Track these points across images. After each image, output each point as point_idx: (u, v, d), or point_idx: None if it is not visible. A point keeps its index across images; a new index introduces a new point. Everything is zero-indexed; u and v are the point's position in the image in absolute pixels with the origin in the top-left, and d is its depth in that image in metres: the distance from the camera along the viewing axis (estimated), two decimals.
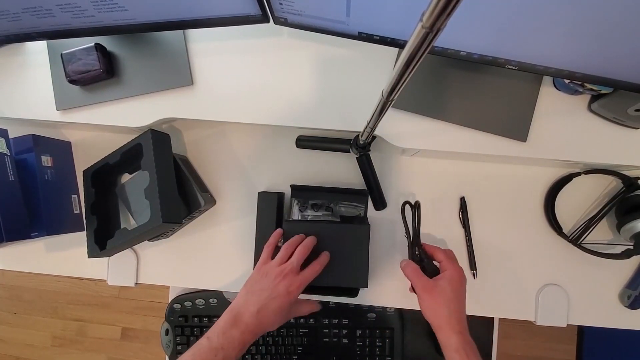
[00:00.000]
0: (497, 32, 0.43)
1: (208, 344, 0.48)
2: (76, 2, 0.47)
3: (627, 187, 0.61)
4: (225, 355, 0.47)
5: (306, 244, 0.55)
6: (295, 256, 0.54)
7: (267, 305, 0.50)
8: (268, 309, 0.50)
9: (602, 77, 0.46)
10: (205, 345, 0.48)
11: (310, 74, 0.59)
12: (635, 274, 0.63)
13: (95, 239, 0.61)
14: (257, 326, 0.50)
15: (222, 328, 0.49)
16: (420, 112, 0.57)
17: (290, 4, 0.47)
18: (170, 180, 0.59)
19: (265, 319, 0.50)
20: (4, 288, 1.66)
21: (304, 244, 0.55)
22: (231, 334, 0.49)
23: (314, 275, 0.54)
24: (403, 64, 0.31)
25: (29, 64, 0.62)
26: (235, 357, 0.48)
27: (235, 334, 0.49)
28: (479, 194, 0.65)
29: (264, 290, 0.51)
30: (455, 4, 0.23)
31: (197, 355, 0.47)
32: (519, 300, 0.64)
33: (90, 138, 0.70)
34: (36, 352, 1.65)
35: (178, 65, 0.59)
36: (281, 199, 0.65)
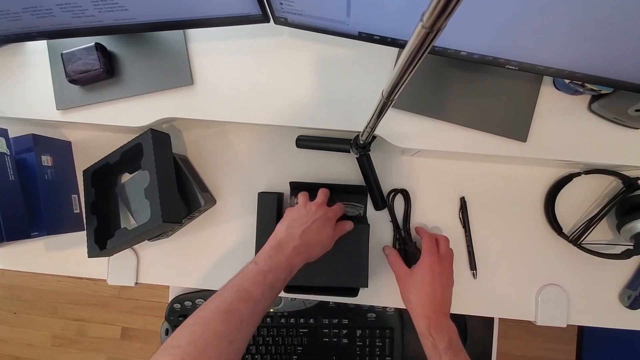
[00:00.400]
0: (497, 32, 0.43)
1: (255, 267, 0.47)
2: (76, 1, 0.47)
3: (627, 187, 0.61)
4: (274, 278, 0.47)
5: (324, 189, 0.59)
6: (320, 195, 0.58)
7: (310, 227, 0.52)
8: (312, 229, 0.52)
9: (603, 77, 0.46)
10: (253, 269, 0.47)
11: (310, 74, 0.59)
12: (635, 274, 0.63)
13: (95, 238, 0.61)
14: (303, 247, 0.50)
15: (268, 253, 0.49)
16: (420, 112, 0.57)
17: (290, 3, 0.47)
18: (170, 180, 0.59)
19: (310, 239, 0.51)
20: (4, 288, 1.66)
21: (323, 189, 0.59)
22: (278, 257, 0.48)
23: (341, 211, 0.58)
24: (403, 64, 0.31)
25: (29, 64, 0.62)
26: (284, 279, 0.48)
27: (281, 257, 0.48)
28: (479, 194, 0.65)
29: (303, 217, 0.53)
30: (456, 4, 0.23)
31: (246, 279, 0.46)
32: (518, 300, 0.64)
33: (90, 138, 0.70)
34: (36, 351, 1.65)
35: (178, 65, 0.59)
36: (281, 199, 0.65)
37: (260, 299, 0.44)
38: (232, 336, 0.41)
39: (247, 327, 0.43)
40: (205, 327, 0.40)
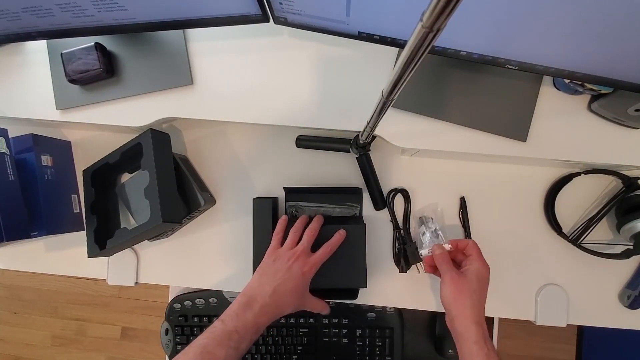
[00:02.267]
0: (497, 32, 0.43)
1: (222, 326, 0.47)
2: (76, 1, 0.47)
3: (627, 187, 0.61)
4: (239, 338, 0.46)
5: (313, 225, 0.56)
6: (305, 237, 0.54)
7: (282, 286, 0.50)
8: (283, 290, 0.50)
9: (602, 77, 0.46)
10: (219, 328, 0.47)
11: (310, 73, 0.59)
12: (635, 274, 0.63)
13: (95, 238, 0.61)
14: (272, 307, 0.49)
15: (236, 311, 0.48)
16: (420, 112, 0.57)
17: (290, 3, 0.47)
18: (170, 179, 0.59)
19: (280, 300, 0.50)
20: (4, 287, 1.66)
21: (311, 227, 0.56)
22: (245, 317, 0.48)
23: (326, 255, 0.54)
24: (403, 64, 0.31)
25: (28, 64, 0.62)
26: (250, 340, 0.47)
27: (249, 317, 0.48)
28: (478, 193, 0.65)
29: (278, 271, 0.51)
30: (455, 4, 0.23)
31: (211, 339, 0.46)
32: (518, 300, 0.64)
33: (90, 137, 0.70)
34: (36, 351, 1.65)
35: (178, 65, 0.59)
36: (275, 203, 0.65)
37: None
38: None
39: None
40: None
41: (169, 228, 0.63)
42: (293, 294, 0.50)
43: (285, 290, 0.50)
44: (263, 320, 0.48)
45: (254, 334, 0.48)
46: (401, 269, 0.64)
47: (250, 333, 0.47)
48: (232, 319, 0.47)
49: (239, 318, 0.48)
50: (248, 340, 0.47)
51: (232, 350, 0.45)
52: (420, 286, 0.65)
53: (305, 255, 0.53)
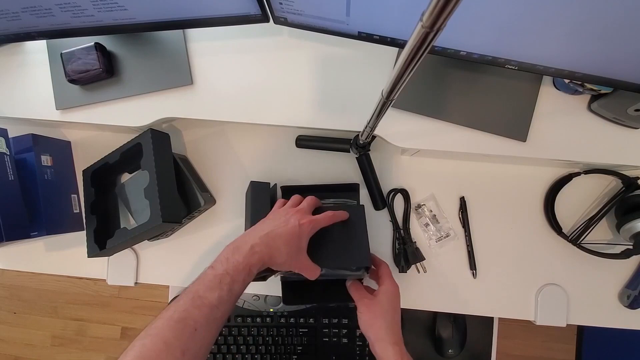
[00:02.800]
0: (497, 32, 0.43)
1: (212, 272, 0.45)
2: (76, 1, 0.47)
3: (626, 187, 0.61)
4: (231, 280, 0.44)
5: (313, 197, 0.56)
6: (306, 201, 0.54)
7: (276, 231, 0.48)
8: (276, 234, 0.48)
9: (602, 77, 0.46)
10: (210, 274, 0.45)
11: (310, 73, 0.59)
12: (635, 274, 0.63)
13: (95, 238, 0.61)
14: (263, 248, 0.47)
15: (225, 255, 0.47)
16: (420, 112, 0.57)
17: (290, 3, 0.47)
18: (170, 179, 0.59)
19: (271, 243, 0.47)
20: (4, 287, 1.66)
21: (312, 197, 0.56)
22: (235, 259, 0.46)
23: (327, 220, 0.52)
24: (403, 64, 0.31)
25: (28, 64, 0.62)
26: (243, 282, 0.46)
27: (239, 258, 0.46)
28: (478, 194, 0.65)
29: (275, 220, 0.50)
30: (455, 4, 0.23)
31: (202, 284, 0.44)
32: (518, 300, 0.64)
33: (90, 137, 0.70)
34: (36, 351, 1.65)
35: (178, 65, 0.59)
36: (274, 190, 0.63)
37: (217, 304, 0.43)
38: (186, 345, 0.40)
39: (203, 334, 0.41)
40: (155, 339, 0.39)
41: (168, 228, 0.63)
42: (286, 242, 0.48)
43: (279, 234, 0.48)
44: (254, 261, 0.46)
45: (247, 276, 0.46)
46: (401, 269, 0.64)
47: (242, 274, 0.45)
48: (221, 264, 0.46)
49: (228, 262, 0.46)
50: (240, 281, 0.45)
51: (224, 293, 0.44)
52: (421, 286, 0.65)
53: (305, 212, 0.52)
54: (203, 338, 0.41)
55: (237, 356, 0.73)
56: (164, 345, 0.39)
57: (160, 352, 0.38)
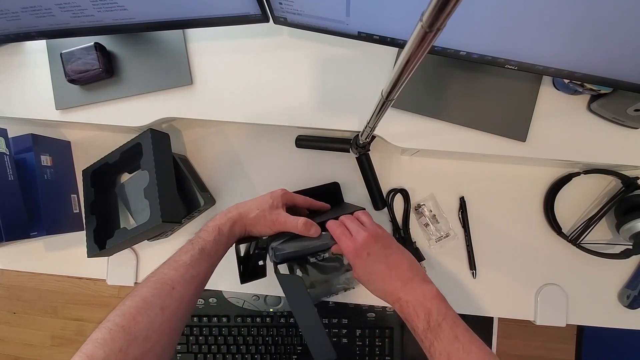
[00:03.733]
0: (496, 32, 0.43)
1: (188, 241, 0.49)
2: (75, 1, 0.47)
3: (626, 187, 0.61)
4: (202, 241, 0.48)
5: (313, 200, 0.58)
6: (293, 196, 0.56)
7: (247, 202, 0.52)
8: (247, 202, 0.52)
9: (602, 77, 0.46)
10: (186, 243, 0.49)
11: (310, 73, 0.59)
12: (635, 274, 0.63)
13: (95, 238, 0.61)
14: (234, 210, 0.51)
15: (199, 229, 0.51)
16: (420, 112, 0.57)
17: (289, 3, 0.47)
18: (169, 179, 0.59)
19: (243, 205, 0.52)
20: (4, 287, 1.66)
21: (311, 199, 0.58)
22: (207, 225, 0.50)
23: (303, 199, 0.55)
24: (403, 64, 0.31)
25: (28, 63, 0.62)
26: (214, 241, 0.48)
27: (209, 223, 0.50)
28: (478, 194, 0.65)
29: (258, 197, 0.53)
30: (455, 4, 0.23)
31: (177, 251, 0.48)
32: (518, 300, 0.64)
33: (90, 137, 0.70)
34: (35, 351, 1.65)
35: (178, 65, 0.59)
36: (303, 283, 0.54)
37: (191, 263, 0.46)
38: (164, 302, 0.42)
39: (180, 291, 0.44)
40: (136, 298, 0.42)
41: (168, 228, 0.63)
42: (258, 203, 0.51)
43: (252, 200, 0.52)
44: (223, 221, 0.50)
45: (217, 235, 0.49)
46: None
47: (212, 234, 0.49)
48: (195, 234, 0.50)
49: (201, 228, 0.50)
50: (211, 241, 0.48)
51: (196, 252, 0.47)
52: None
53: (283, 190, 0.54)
54: (181, 295, 0.44)
55: (237, 356, 0.73)
56: (143, 302, 0.42)
57: (139, 308, 0.41)
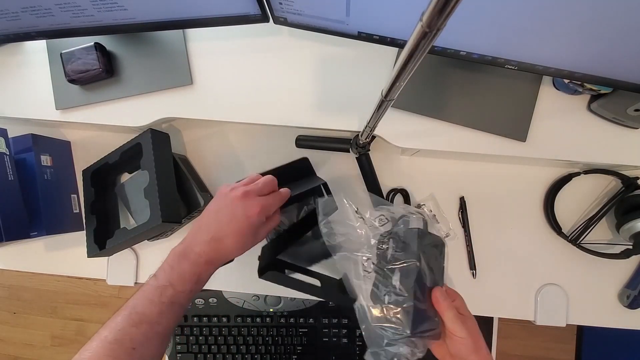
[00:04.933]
0: (496, 32, 0.43)
1: (154, 282, 0.41)
2: (75, 1, 0.47)
3: (626, 187, 0.61)
4: (174, 293, 0.41)
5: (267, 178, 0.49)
6: (262, 179, 0.47)
7: (222, 230, 0.43)
8: (223, 234, 0.43)
9: (602, 77, 0.46)
10: (151, 284, 0.41)
11: (310, 73, 0.59)
12: (635, 274, 0.63)
13: (95, 238, 0.61)
14: (212, 254, 0.43)
15: (170, 263, 0.43)
16: (420, 112, 0.57)
17: (289, 3, 0.47)
18: (169, 179, 0.59)
19: (221, 246, 0.43)
20: (3, 287, 1.66)
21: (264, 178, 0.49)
22: (181, 267, 0.42)
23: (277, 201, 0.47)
24: (402, 64, 0.31)
25: (28, 63, 0.62)
26: (190, 292, 0.42)
27: (185, 267, 0.42)
28: (478, 194, 0.65)
29: (221, 211, 0.45)
30: (455, 4, 0.23)
31: (141, 298, 0.40)
32: (518, 300, 0.64)
33: (90, 137, 0.70)
34: (35, 351, 1.65)
35: (177, 65, 0.59)
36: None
37: (157, 320, 0.40)
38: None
39: (143, 352, 0.38)
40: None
41: (168, 228, 0.63)
42: (235, 238, 0.43)
43: (225, 234, 0.43)
44: (203, 269, 0.42)
45: (195, 285, 0.42)
46: None
47: (189, 284, 0.41)
48: (165, 273, 0.42)
49: (173, 271, 0.42)
50: (187, 292, 0.41)
51: (165, 307, 0.40)
52: None
53: (253, 196, 0.45)
54: (143, 356, 0.39)
55: (237, 356, 0.74)
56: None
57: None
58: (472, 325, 0.44)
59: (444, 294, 0.44)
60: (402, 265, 0.44)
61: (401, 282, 0.43)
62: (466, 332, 0.42)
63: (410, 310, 0.42)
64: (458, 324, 0.42)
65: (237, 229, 0.44)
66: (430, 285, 0.44)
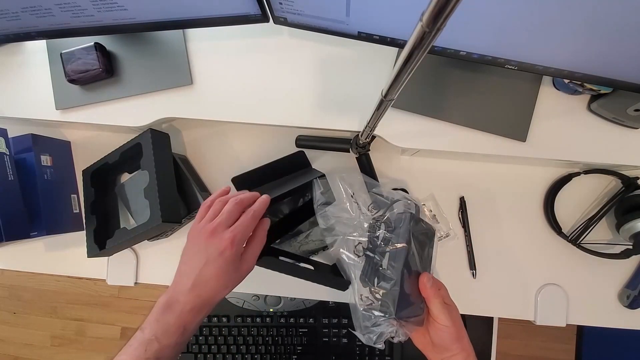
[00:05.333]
0: (496, 32, 0.43)
1: (140, 335, 0.41)
2: (75, 1, 0.47)
3: (626, 187, 0.61)
4: (160, 348, 0.40)
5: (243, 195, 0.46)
6: (225, 208, 0.44)
7: (201, 276, 0.42)
8: (203, 280, 0.42)
9: (602, 77, 0.46)
10: (137, 339, 0.41)
11: (310, 73, 0.59)
12: (635, 274, 0.63)
13: (95, 238, 0.61)
14: (197, 303, 0.42)
15: (155, 316, 0.42)
16: (420, 112, 0.57)
17: (290, 3, 0.47)
18: (169, 179, 0.59)
19: (204, 292, 0.42)
20: (4, 287, 1.66)
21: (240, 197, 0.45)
22: (165, 320, 0.41)
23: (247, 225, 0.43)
24: (402, 64, 0.31)
25: (28, 63, 0.62)
26: (176, 344, 0.41)
27: (170, 319, 0.41)
28: (478, 194, 0.65)
29: (195, 256, 0.43)
30: (455, 4, 0.23)
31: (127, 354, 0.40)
32: (518, 300, 0.64)
33: (90, 137, 0.70)
34: (35, 351, 1.65)
35: (177, 65, 0.59)
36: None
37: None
38: None
39: None
40: None
41: (168, 228, 0.63)
42: (216, 281, 0.42)
43: (205, 279, 0.42)
44: (189, 319, 0.42)
45: (181, 337, 0.41)
46: None
47: (174, 337, 0.41)
48: (151, 326, 0.41)
49: (158, 323, 0.41)
50: (172, 345, 0.41)
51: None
52: None
53: (222, 228, 0.43)
54: None
55: (237, 356, 0.74)
56: None
57: None
58: (456, 314, 0.46)
59: (432, 280, 0.46)
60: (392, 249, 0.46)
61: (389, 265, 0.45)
62: (450, 321, 0.44)
63: (396, 293, 0.43)
64: (444, 312, 0.44)
65: (214, 270, 0.42)
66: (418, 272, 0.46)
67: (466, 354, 0.45)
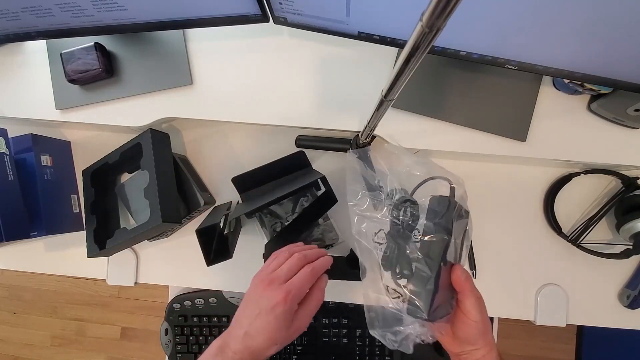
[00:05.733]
0: (496, 32, 0.43)
1: None
2: (75, 1, 0.47)
3: (626, 187, 0.61)
4: None
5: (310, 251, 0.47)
6: (288, 260, 0.45)
7: (253, 326, 0.42)
8: (254, 331, 0.42)
9: (602, 77, 0.46)
10: None
11: (310, 73, 0.59)
12: (635, 274, 0.63)
13: (95, 238, 0.61)
14: (245, 353, 0.42)
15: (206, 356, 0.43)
16: (420, 112, 0.57)
17: (290, 3, 0.47)
18: (169, 179, 0.59)
19: (253, 344, 0.42)
20: (4, 287, 1.66)
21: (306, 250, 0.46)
22: None
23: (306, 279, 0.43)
24: (402, 64, 0.31)
25: (28, 63, 0.62)
26: None
27: None
28: (478, 193, 0.65)
29: (251, 304, 0.44)
30: (455, 4, 0.23)
31: None
32: (518, 300, 0.64)
33: (90, 137, 0.70)
34: (35, 351, 1.65)
35: (177, 65, 0.59)
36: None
37: None
38: None
39: None
40: None
41: (168, 228, 0.63)
42: (265, 335, 0.41)
43: (256, 332, 0.41)
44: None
45: None
46: None
47: None
48: None
49: None
50: None
51: None
52: None
53: (278, 283, 0.43)
54: None
55: None
56: None
57: None
58: (485, 307, 0.43)
59: (467, 274, 0.42)
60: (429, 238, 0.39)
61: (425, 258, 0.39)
62: (480, 316, 0.41)
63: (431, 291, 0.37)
64: (477, 307, 0.41)
65: (265, 324, 0.41)
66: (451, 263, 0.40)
67: (489, 349, 0.42)
